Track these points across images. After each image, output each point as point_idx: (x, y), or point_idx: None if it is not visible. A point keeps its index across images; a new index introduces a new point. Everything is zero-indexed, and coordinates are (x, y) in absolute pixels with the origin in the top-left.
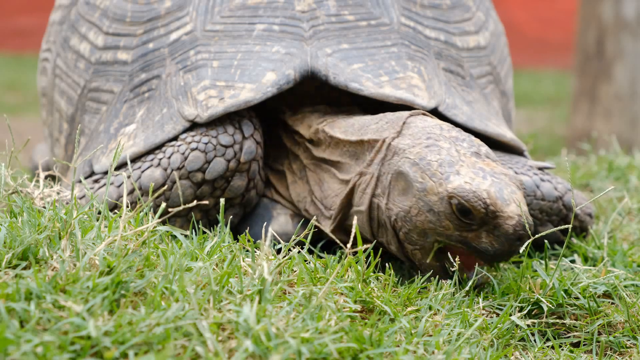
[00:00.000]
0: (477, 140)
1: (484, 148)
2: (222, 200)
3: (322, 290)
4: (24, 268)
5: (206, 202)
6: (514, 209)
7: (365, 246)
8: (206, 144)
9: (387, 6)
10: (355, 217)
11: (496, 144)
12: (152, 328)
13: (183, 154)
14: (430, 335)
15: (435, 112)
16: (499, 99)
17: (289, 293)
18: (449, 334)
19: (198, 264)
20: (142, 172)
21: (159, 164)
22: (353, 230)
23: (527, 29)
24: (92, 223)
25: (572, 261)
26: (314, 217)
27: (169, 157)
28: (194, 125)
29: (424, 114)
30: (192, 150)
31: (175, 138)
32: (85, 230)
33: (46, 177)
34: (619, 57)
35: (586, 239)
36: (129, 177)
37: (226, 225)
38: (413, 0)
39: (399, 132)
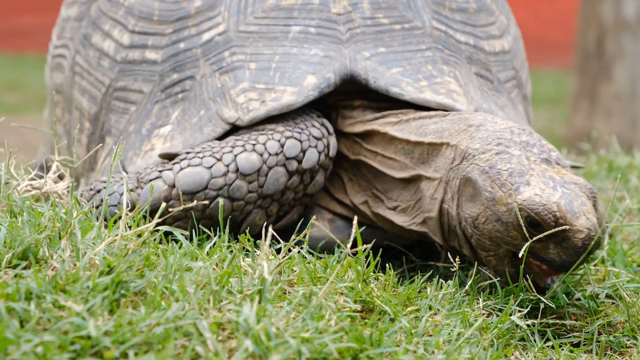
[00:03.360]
0: (548, 145)
1: (555, 153)
2: (220, 200)
3: (322, 290)
4: (24, 268)
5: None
6: (583, 222)
7: (365, 246)
8: (300, 133)
9: (419, 9)
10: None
11: None
12: (152, 328)
13: (279, 141)
14: (430, 335)
15: None
16: (522, 103)
17: (289, 293)
18: (449, 333)
19: (198, 263)
20: (236, 155)
21: (253, 149)
22: (353, 231)
23: (527, 29)
24: (92, 223)
25: None
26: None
27: (264, 143)
28: (234, 129)
29: (490, 115)
30: (288, 138)
31: (209, 141)
32: (85, 230)
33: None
34: (619, 57)
35: None
36: (157, 178)
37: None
38: (442, 3)
39: (467, 134)
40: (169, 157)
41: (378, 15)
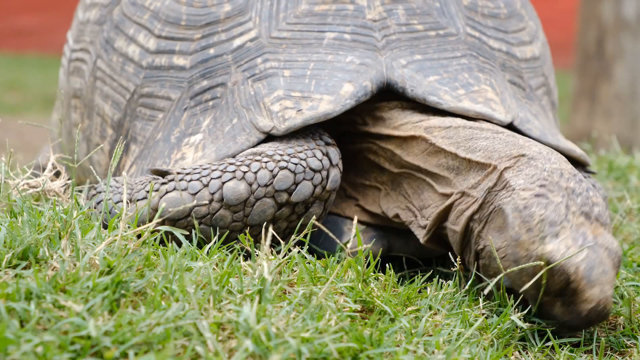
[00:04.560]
0: (594, 198)
1: (598, 209)
2: (225, 199)
3: (322, 290)
4: (24, 268)
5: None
6: (596, 292)
7: (364, 246)
8: (296, 164)
9: (452, 15)
10: (448, 233)
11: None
12: (152, 328)
13: (271, 171)
14: (430, 335)
15: (509, 127)
16: (552, 110)
17: (289, 293)
18: (449, 333)
19: (198, 263)
20: (223, 183)
21: (242, 177)
22: (353, 231)
23: None
24: (92, 223)
25: None
26: (405, 223)
27: (255, 172)
28: (268, 138)
29: (548, 150)
30: (281, 169)
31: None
32: (85, 230)
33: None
34: (619, 57)
35: None
36: (184, 188)
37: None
38: (474, 9)
39: (516, 164)
40: (161, 173)
41: (413, 22)
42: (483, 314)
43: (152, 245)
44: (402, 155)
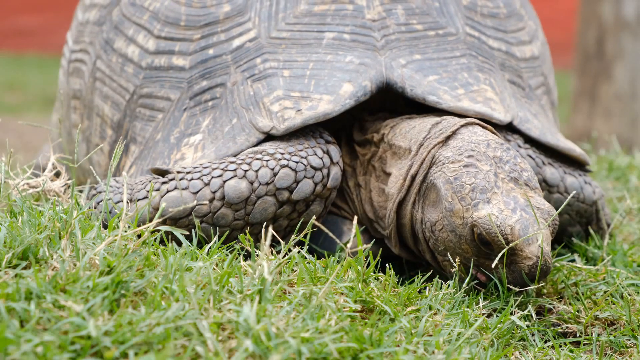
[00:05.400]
0: (522, 164)
1: (526, 174)
2: (227, 198)
3: (322, 290)
4: (24, 268)
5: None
6: (534, 249)
7: (364, 246)
8: (297, 162)
9: (452, 15)
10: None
11: (550, 151)
12: (152, 328)
13: (272, 169)
14: (430, 335)
15: (508, 127)
16: (551, 110)
17: (289, 293)
18: (449, 333)
19: (198, 263)
20: (224, 181)
21: (243, 176)
22: (353, 231)
23: None
24: (92, 223)
25: (572, 261)
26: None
27: (257, 171)
28: (267, 138)
29: (478, 124)
30: (282, 167)
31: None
32: (85, 230)
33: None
34: (619, 57)
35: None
36: (185, 188)
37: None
38: (474, 9)
39: (444, 141)
40: (161, 172)
41: (412, 21)
42: (483, 314)
43: (152, 245)
44: (382, 166)
